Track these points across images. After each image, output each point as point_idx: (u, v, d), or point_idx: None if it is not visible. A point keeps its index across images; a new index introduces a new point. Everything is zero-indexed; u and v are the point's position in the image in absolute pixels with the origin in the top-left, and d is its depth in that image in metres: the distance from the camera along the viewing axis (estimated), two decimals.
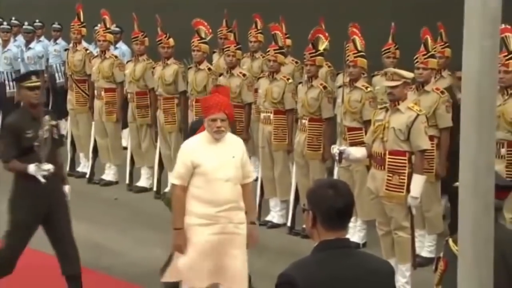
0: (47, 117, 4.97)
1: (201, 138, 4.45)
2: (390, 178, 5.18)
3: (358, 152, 5.42)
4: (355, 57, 6.16)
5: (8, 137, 4.88)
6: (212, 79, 7.36)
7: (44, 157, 4.82)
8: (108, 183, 8.25)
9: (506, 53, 5.38)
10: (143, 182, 8.06)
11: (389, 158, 5.20)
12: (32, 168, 4.78)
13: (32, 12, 10.49)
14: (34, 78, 4.97)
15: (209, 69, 7.45)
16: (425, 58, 5.98)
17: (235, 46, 7.18)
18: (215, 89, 4.74)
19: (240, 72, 7.21)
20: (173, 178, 4.53)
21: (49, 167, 4.80)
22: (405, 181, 5.15)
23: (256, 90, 7.24)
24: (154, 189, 7.86)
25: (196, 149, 4.42)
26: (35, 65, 9.15)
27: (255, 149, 7.72)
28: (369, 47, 6.48)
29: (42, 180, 4.77)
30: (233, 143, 4.48)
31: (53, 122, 5.00)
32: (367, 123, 5.96)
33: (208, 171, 4.37)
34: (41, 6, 11.26)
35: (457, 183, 3.91)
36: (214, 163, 4.37)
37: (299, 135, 6.62)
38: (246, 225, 4.46)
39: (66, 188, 5.09)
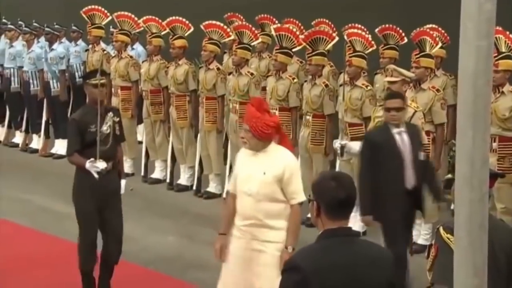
0: (110, 113, 4.92)
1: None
2: None
3: (359, 146, 5.41)
4: (350, 57, 6.17)
5: (73, 132, 4.83)
6: (220, 78, 7.36)
7: (101, 153, 4.77)
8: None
9: (496, 54, 5.37)
10: (157, 174, 8.08)
11: None
12: (87, 164, 4.77)
13: (52, 15, 10.52)
14: (98, 75, 4.93)
15: (218, 68, 7.45)
16: (417, 58, 6.02)
17: (236, 46, 7.18)
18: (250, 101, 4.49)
19: (248, 71, 7.21)
20: (228, 184, 4.31)
21: (102, 165, 4.76)
22: None
23: (264, 88, 7.24)
24: (167, 180, 7.88)
25: (240, 158, 4.07)
26: (57, 65, 9.19)
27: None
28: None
29: (96, 175, 4.75)
30: (274, 158, 3.90)
31: (116, 119, 4.97)
32: (367, 119, 5.97)
33: (238, 182, 3.99)
34: (60, 10, 11.29)
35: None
36: (243, 175, 3.96)
37: (303, 130, 6.64)
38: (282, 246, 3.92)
39: (122, 182, 5.05)
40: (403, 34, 6.96)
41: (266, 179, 3.86)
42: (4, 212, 6.96)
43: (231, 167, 7.35)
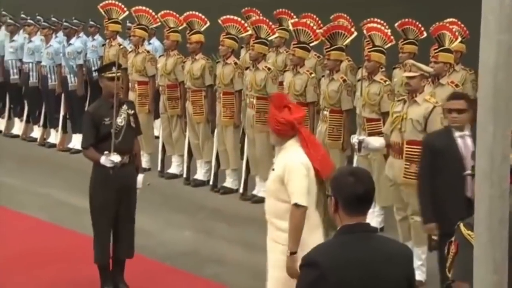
0: (124, 106, 4.92)
1: None
2: (407, 166, 5.16)
3: (377, 141, 5.40)
4: (369, 51, 6.14)
5: (88, 125, 4.84)
6: (238, 73, 7.37)
7: (116, 145, 4.78)
8: None
9: None
10: (173, 169, 8.11)
11: (406, 147, 5.18)
12: (102, 158, 4.79)
13: (70, 10, 10.59)
14: (114, 69, 4.93)
15: (236, 63, 7.45)
16: (436, 52, 5.97)
17: (254, 41, 7.17)
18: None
19: (265, 66, 7.20)
20: None
21: (116, 158, 4.77)
22: None
23: (281, 83, 7.24)
24: (184, 175, 7.91)
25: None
26: (75, 59, 9.26)
27: None
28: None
29: (110, 169, 4.78)
30: (282, 157, 3.89)
31: (131, 111, 4.96)
32: (385, 114, 5.94)
33: None
34: (78, 4, 11.36)
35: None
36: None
37: (321, 125, 6.63)
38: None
39: (140, 177, 5.04)
40: (423, 29, 6.91)
41: (273, 176, 3.89)
42: (22, 205, 7.04)
43: (247, 162, 7.37)
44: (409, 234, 5.32)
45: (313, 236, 3.74)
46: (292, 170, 3.77)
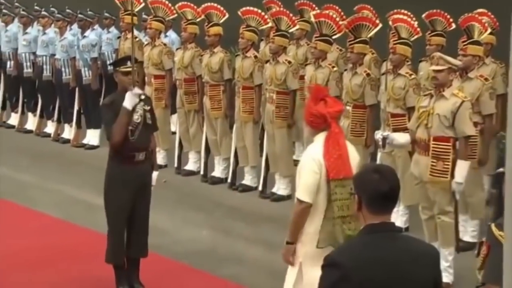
0: (141, 102, 4.90)
1: None
2: (434, 163, 5.12)
3: (402, 137, 5.36)
4: (394, 44, 6.10)
5: (109, 116, 4.83)
6: (258, 67, 7.35)
7: (133, 143, 4.79)
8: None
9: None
10: (190, 166, 8.13)
11: (433, 144, 5.14)
12: (127, 100, 4.73)
13: (85, 1, 10.64)
14: (129, 63, 4.94)
15: (255, 56, 7.44)
16: (464, 45, 5.91)
17: (274, 33, 7.15)
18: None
19: (286, 60, 7.18)
20: None
21: (138, 90, 4.83)
22: (449, 167, 5.09)
23: (302, 77, 7.22)
24: (201, 172, 7.92)
25: None
26: (89, 52, 9.29)
27: (300, 134, 7.72)
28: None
29: (136, 99, 4.77)
30: (306, 150, 4.03)
31: (147, 107, 4.95)
32: (410, 109, 5.90)
33: None
34: None
35: (500, 169, 3.82)
36: None
37: (343, 121, 6.57)
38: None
39: (154, 174, 5.05)
40: (451, 20, 6.84)
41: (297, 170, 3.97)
42: (35, 202, 7.11)
43: (267, 159, 7.36)
44: (436, 234, 5.28)
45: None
46: (303, 165, 3.85)
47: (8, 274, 5.37)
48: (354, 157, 3.93)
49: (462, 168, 5.09)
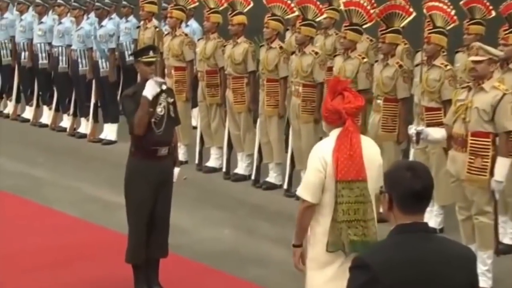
0: (164, 94, 4.92)
1: None
2: (472, 160, 5.08)
3: (437, 133, 5.32)
4: (429, 33, 6.05)
5: (131, 108, 4.84)
6: (283, 58, 7.35)
7: (157, 137, 4.81)
8: None
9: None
10: (212, 162, 8.16)
11: (471, 139, 5.10)
12: (149, 82, 4.77)
13: None
14: (151, 53, 4.96)
15: (281, 47, 7.44)
16: (505, 34, 5.85)
17: (300, 23, 7.14)
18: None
19: (313, 50, 7.16)
20: None
21: (160, 79, 4.85)
22: (489, 164, 5.05)
23: (330, 69, 7.20)
24: (223, 169, 7.95)
25: None
26: (106, 43, 9.32)
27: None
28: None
29: (157, 89, 4.80)
30: None
31: (170, 99, 4.97)
32: (446, 103, 5.86)
33: None
34: None
35: None
36: None
37: (373, 116, 6.57)
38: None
39: (176, 170, 5.07)
40: (491, 7, 6.77)
41: None
42: (51, 200, 7.19)
43: (292, 156, 7.37)
44: (473, 236, 5.24)
45: (326, 238, 3.73)
46: (308, 162, 3.82)
47: (23, 275, 5.44)
48: (373, 159, 3.77)
49: (502, 166, 5.04)
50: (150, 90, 4.82)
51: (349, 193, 3.68)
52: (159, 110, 4.89)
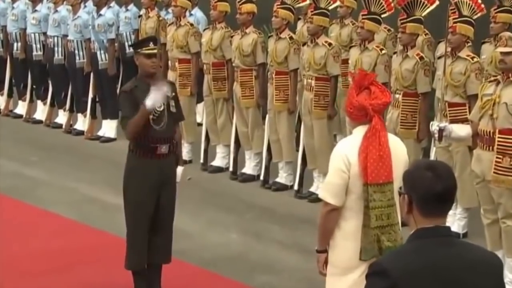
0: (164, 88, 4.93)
1: None
2: (499, 160, 5.08)
3: (462, 130, 5.32)
4: (454, 22, 6.04)
5: (128, 105, 4.85)
6: (293, 49, 7.36)
7: (156, 133, 4.81)
8: None
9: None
10: (218, 161, 8.18)
11: (499, 137, 5.10)
12: (152, 88, 4.72)
13: None
14: (152, 44, 4.95)
15: (291, 38, 7.44)
16: None
17: (312, 12, 7.14)
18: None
19: (326, 41, 7.17)
20: None
21: (164, 84, 4.80)
22: None
23: (345, 61, 7.20)
24: (230, 169, 7.96)
25: None
26: (105, 33, 9.32)
27: (341, 126, 7.71)
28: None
29: (160, 101, 4.77)
30: None
31: (171, 94, 4.96)
32: (471, 98, 5.85)
33: None
34: None
35: None
36: None
37: (392, 111, 6.56)
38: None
39: (179, 170, 5.07)
40: None
41: None
42: (47, 202, 7.22)
43: (304, 154, 7.38)
44: (500, 241, 5.25)
45: (347, 243, 3.75)
46: (331, 161, 3.79)
47: (21, 280, 5.48)
48: (401, 159, 3.76)
49: None
50: (153, 101, 4.78)
51: (381, 197, 3.67)
52: (158, 105, 4.90)
